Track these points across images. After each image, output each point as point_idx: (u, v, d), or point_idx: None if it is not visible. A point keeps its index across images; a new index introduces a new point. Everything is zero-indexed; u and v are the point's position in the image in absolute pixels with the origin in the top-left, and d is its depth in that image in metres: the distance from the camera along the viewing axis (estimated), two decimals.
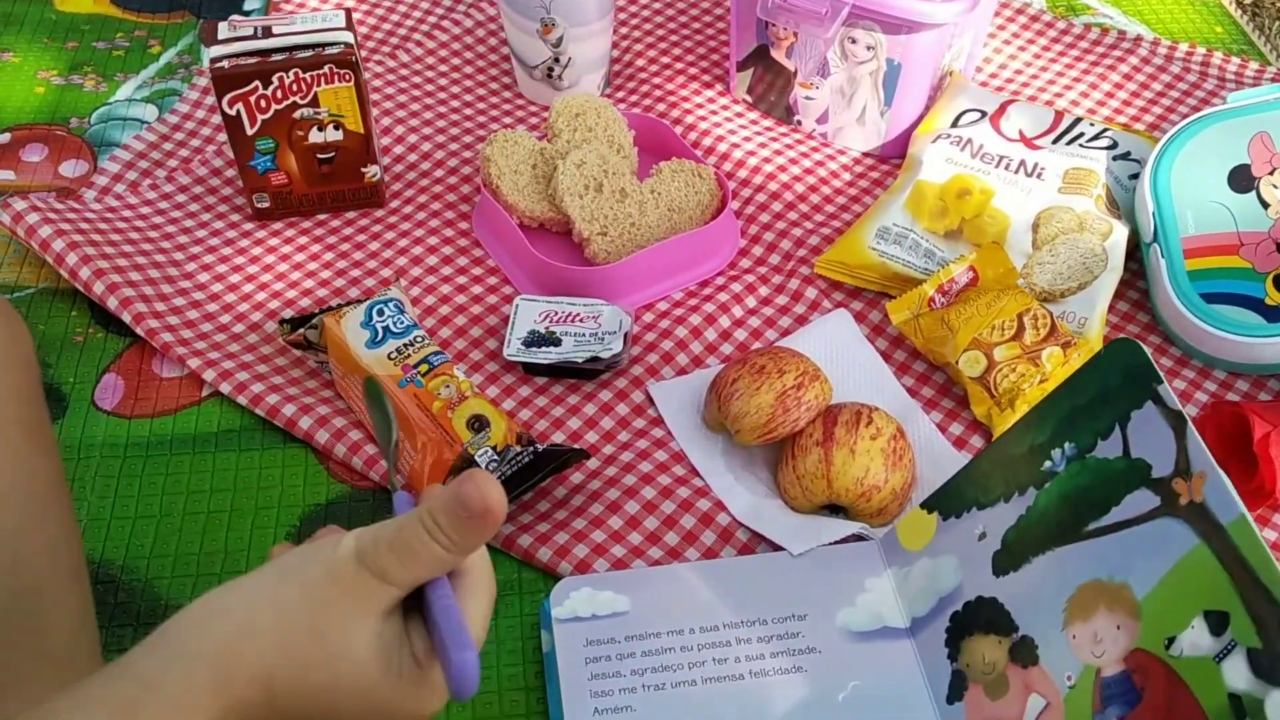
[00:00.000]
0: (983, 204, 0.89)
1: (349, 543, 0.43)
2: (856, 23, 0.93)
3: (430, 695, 0.44)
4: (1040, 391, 0.79)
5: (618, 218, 0.90)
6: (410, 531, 0.42)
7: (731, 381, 0.78)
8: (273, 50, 0.87)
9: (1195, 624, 0.53)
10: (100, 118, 1.04)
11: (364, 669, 0.42)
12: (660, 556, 0.73)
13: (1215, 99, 1.06)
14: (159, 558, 0.73)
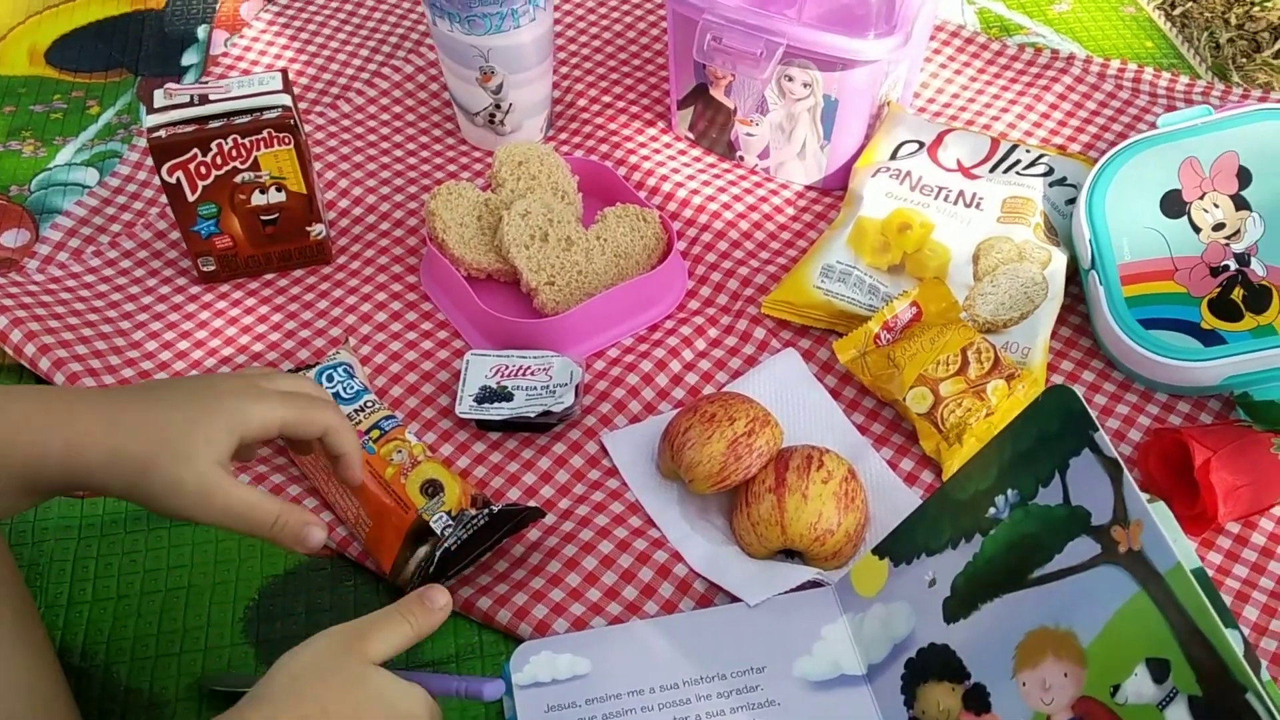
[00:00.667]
0: (923, 238, 0.90)
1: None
2: (792, 61, 0.94)
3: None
4: (986, 425, 0.80)
5: (564, 267, 0.90)
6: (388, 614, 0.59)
7: (683, 431, 0.78)
8: (210, 117, 0.87)
9: (1138, 671, 0.54)
10: (41, 184, 1.03)
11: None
12: (619, 612, 0.74)
13: (1148, 115, 1.08)
14: (117, 640, 0.73)
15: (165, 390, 0.62)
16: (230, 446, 0.59)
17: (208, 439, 0.58)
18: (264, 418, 0.61)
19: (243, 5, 1.22)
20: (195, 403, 0.59)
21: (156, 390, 0.62)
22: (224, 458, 0.59)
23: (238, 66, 1.15)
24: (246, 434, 0.60)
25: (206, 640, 0.73)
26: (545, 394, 0.83)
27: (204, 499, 0.57)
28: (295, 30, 1.19)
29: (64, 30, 1.20)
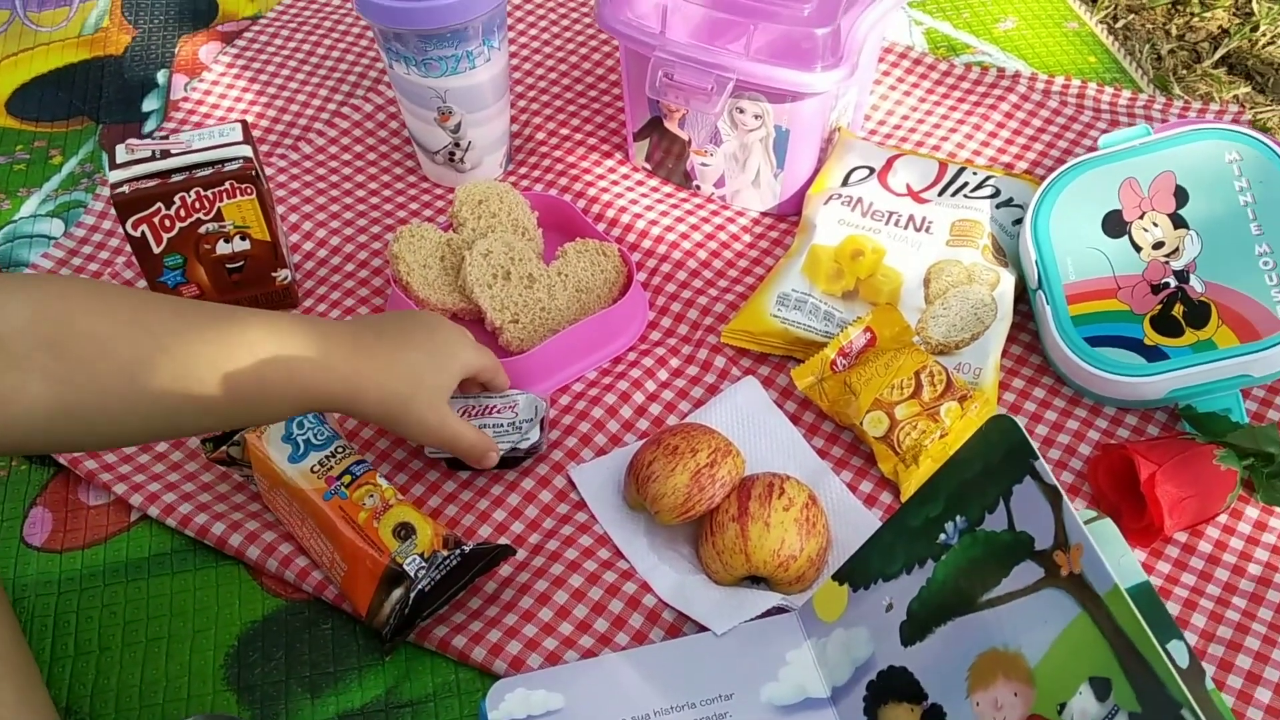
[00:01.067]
0: (875, 263, 0.93)
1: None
2: (743, 94, 0.97)
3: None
4: (941, 446, 0.83)
5: (528, 304, 0.92)
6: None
7: (648, 464, 0.81)
8: (172, 170, 0.88)
9: (1082, 690, 0.57)
10: (6, 236, 1.05)
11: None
12: (591, 644, 0.76)
13: (1091, 132, 1.11)
14: (102, 693, 0.75)
15: (405, 331, 0.77)
16: (455, 385, 0.78)
17: (446, 382, 0.77)
18: (477, 364, 0.80)
19: (201, 49, 1.23)
20: (435, 349, 0.77)
21: (399, 331, 0.77)
22: (450, 394, 0.78)
23: (198, 110, 1.16)
24: (465, 376, 0.80)
25: (189, 689, 0.75)
26: (511, 431, 0.85)
27: (440, 429, 0.77)
28: (255, 72, 1.20)
29: (23, 79, 1.22)
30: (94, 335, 0.61)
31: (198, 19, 1.29)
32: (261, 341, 0.67)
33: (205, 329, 0.65)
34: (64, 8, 1.30)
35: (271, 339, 0.68)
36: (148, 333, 0.63)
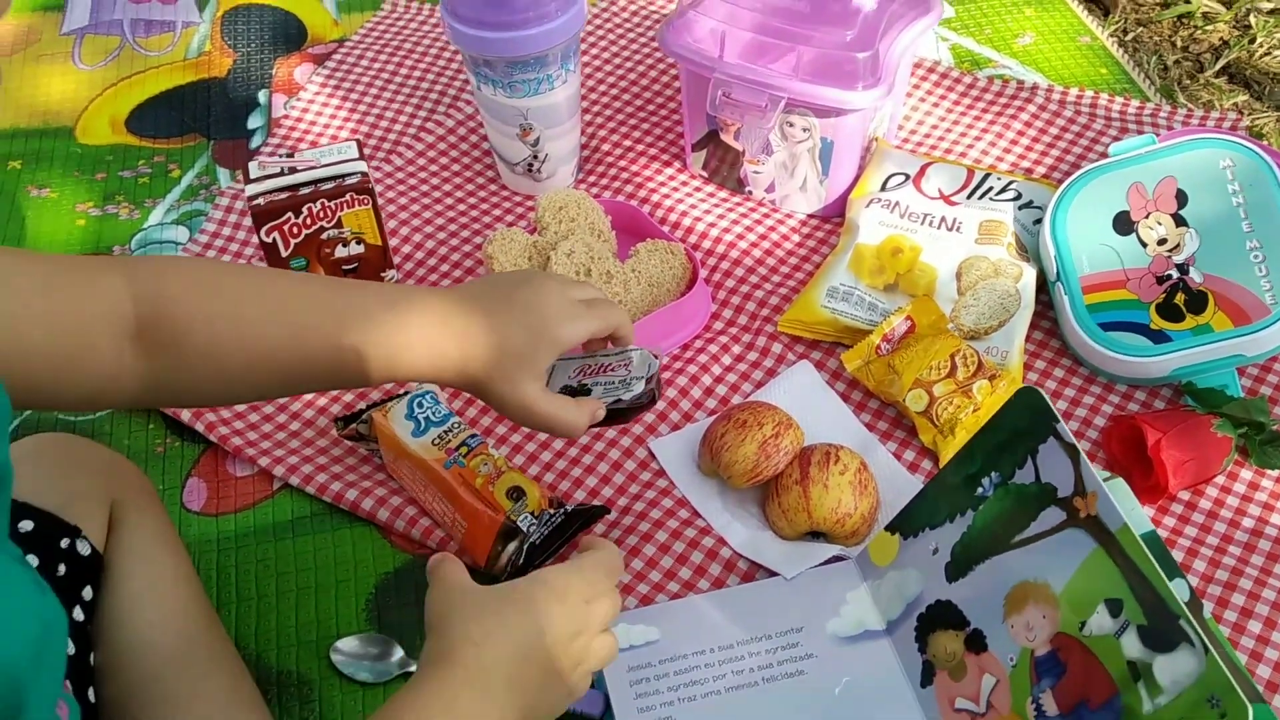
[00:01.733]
0: (913, 260, 1.06)
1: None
2: (792, 110, 1.09)
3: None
4: (974, 418, 0.95)
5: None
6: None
7: (720, 435, 0.93)
8: (300, 184, 1.01)
9: (1099, 610, 0.70)
10: (139, 243, 1.18)
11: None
12: (678, 590, 0.89)
13: (1103, 139, 1.23)
14: (264, 633, 0.88)
15: (503, 299, 0.74)
16: (550, 362, 0.75)
17: (534, 360, 0.73)
18: (576, 334, 0.76)
19: (296, 70, 1.36)
20: (530, 322, 0.73)
21: (497, 298, 0.74)
22: (544, 372, 0.75)
23: (298, 127, 1.29)
24: (566, 348, 0.76)
25: (337, 627, 0.88)
26: (621, 387, 0.82)
27: (525, 411, 0.74)
28: (345, 91, 1.33)
29: (139, 100, 1.35)
30: (183, 313, 0.65)
31: (290, 42, 1.42)
32: (348, 308, 0.70)
33: (285, 298, 0.69)
34: (168, 34, 1.44)
35: (357, 305, 0.70)
36: (225, 306, 0.67)
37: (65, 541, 0.75)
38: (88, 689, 0.72)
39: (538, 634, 0.65)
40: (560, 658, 0.65)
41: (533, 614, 0.66)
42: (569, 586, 0.67)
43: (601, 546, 0.71)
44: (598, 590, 0.69)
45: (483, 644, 0.64)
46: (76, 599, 0.74)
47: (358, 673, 0.85)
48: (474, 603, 0.66)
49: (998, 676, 0.75)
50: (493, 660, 0.63)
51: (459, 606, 0.66)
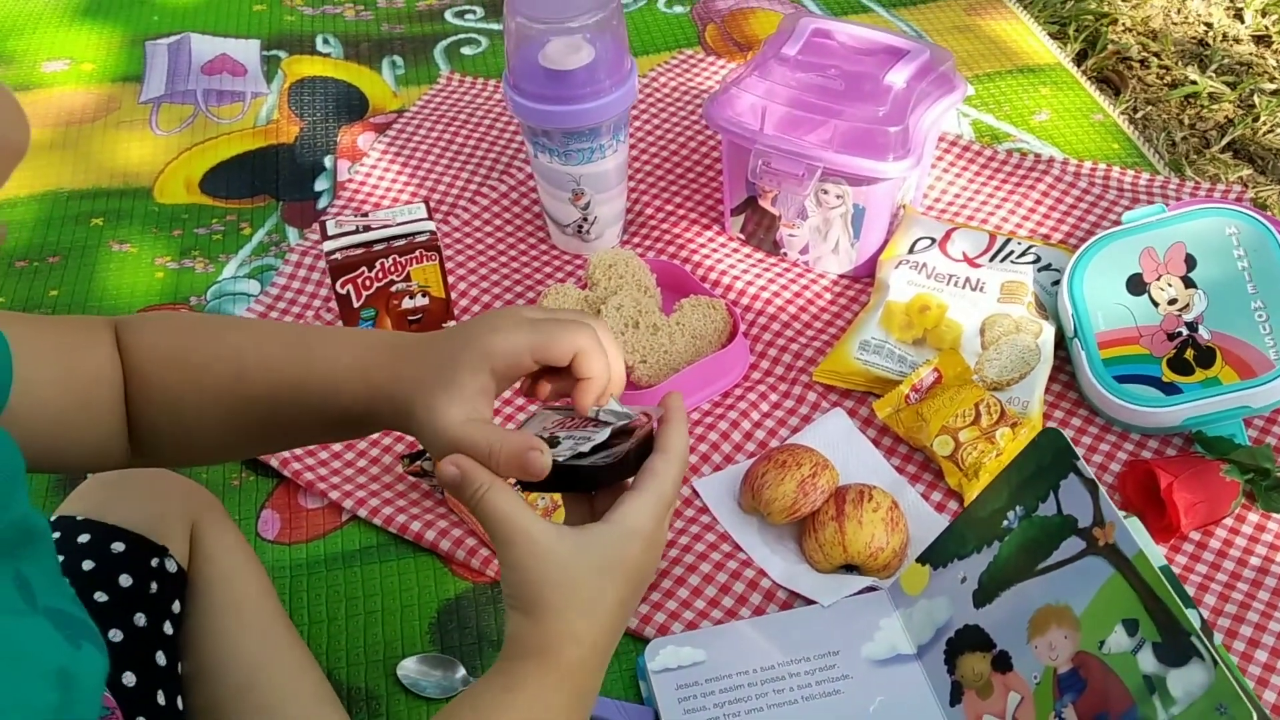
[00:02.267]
0: (939, 316, 1.13)
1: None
2: (827, 179, 1.18)
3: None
4: (997, 463, 1.02)
5: (653, 348, 1.13)
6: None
7: (761, 475, 1.00)
8: (374, 241, 1.10)
9: (1117, 629, 0.76)
10: (214, 294, 1.27)
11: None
12: (721, 617, 0.95)
13: (1115, 209, 1.31)
14: (335, 652, 0.95)
15: (455, 327, 0.63)
16: (479, 382, 0.58)
17: (456, 372, 0.58)
18: (507, 348, 0.58)
19: (359, 137, 1.46)
20: (464, 333, 0.60)
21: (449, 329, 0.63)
22: (473, 393, 0.57)
23: (361, 190, 1.39)
24: (495, 367, 0.58)
25: (403, 649, 0.95)
26: (585, 439, 0.62)
27: (436, 434, 0.57)
28: (405, 157, 1.43)
29: (212, 163, 1.45)
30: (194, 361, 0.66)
31: (352, 111, 1.52)
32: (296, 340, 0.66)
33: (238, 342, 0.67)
34: (238, 103, 1.54)
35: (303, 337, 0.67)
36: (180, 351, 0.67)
37: (155, 560, 0.81)
38: (177, 698, 0.78)
39: (635, 592, 0.59)
40: (646, 584, 0.61)
41: (632, 577, 0.58)
42: (660, 525, 0.59)
43: (674, 454, 0.59)
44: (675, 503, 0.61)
45: (585, 638, 0.57)
46: (166, 613, 0.81)
47: (423, 688, 0.92)
48: (571, 578, 0.56)
49: (1022, 694, 0.81)
50: (592, 650, 0.58)
51: (555, 583, 0.55)
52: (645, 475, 0.58)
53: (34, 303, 1.26)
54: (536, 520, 0.56)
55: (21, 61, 1.64)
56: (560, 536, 0.56)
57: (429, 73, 1.60)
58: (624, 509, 0.57)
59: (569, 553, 0.56)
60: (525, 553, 0.55)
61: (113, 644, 0.75)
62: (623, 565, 0.57)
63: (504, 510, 0.55)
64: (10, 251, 1.33)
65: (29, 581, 0.48)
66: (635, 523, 0.57)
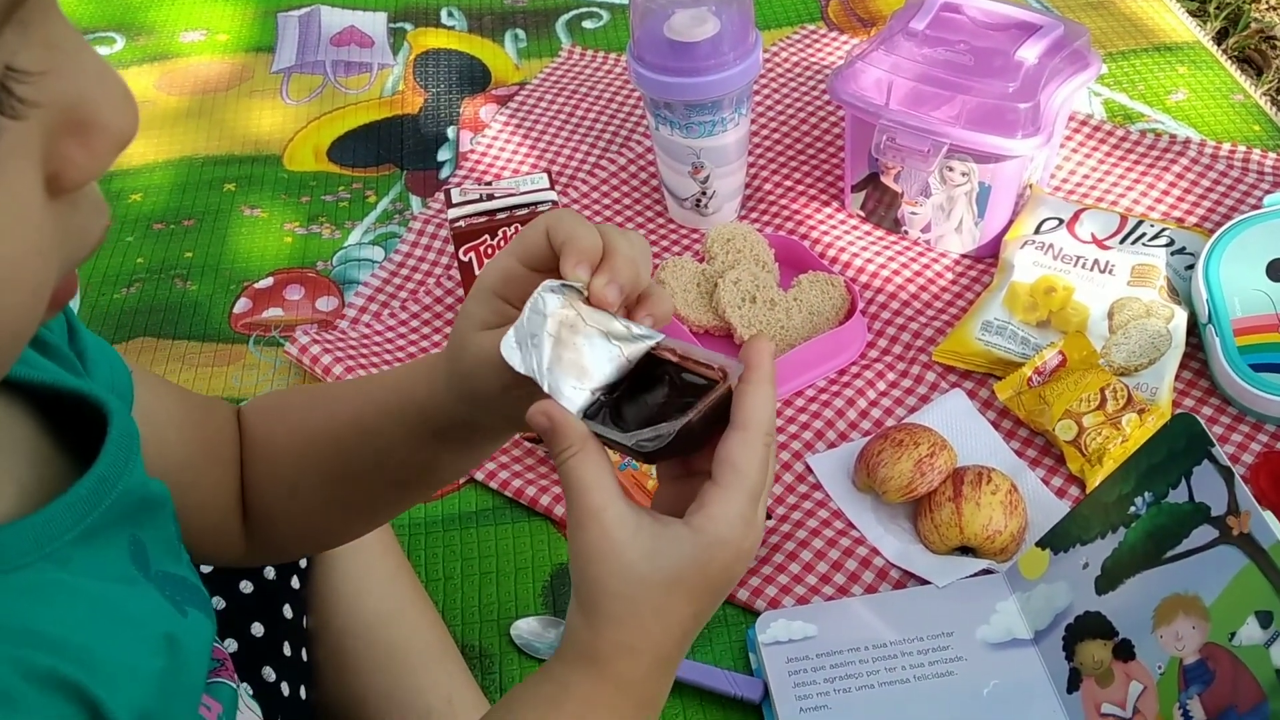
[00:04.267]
0: (1066, 299, 1.10)
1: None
2: (953, 155, 1.16)
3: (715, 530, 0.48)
4: (1122, 450, 0.99)
5: (770, 323, 1.13)
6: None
7: (877, 453, 0.99)
8: (497, 210, 1.12)
9: (1249, 621, 0.73)
10: (340, 259, 1.30)
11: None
12: (832, 593, 0.95)
13: (1255, 191, 1.26)
14: (452, 610, 0.97)
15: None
16: (484, 308, 0.54)
17: (467, 313, 0.55)
18: (494, 266, 0.54)
19: (481, 109, 1.48)
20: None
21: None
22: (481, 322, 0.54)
23: (483, 161, 1.40)
24: (493, 286, 0.54)
25: (516, 609, 0.96)
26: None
27: (459, 358, 0.55)
28: (526, 129, 1.44)
29: (339, 133, 1.48)
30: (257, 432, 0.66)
31: (475, 84, 1.54)
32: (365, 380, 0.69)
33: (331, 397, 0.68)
34: (365, 74, 1.57)
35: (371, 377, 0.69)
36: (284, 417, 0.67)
37: None
38: (302, 649, 0.81)
39: (714, 602, 0.52)
40: (729, 589, 0.52)
41: (712, 588, 0.51)
42: (750, 525, 0.50)
43: (755, 432, 0.50)
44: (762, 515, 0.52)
45: (645, 652, 0.50)
46: (294, 568, 0.83)
47: (536, 649, 0.93)
48: (636, 589, 0.49)
49: (1145, 683, 0.79)
50: (653, 663, 0.51)
51: (617, 592, 0.49)
52: (725, 468, 0.49)
53: (170, 263, 1.31)
54: (616, 503, 0.48)
55: (160, 31, 1.70)
56: (636, 533, 0.48)
57: (550, 46, 1.61)
58: (707, 511, 0.49)
59: (639, 557, 0.48)
60: (594, 546, 0.48)
61: (243, 594, 0.78)
62: (701, 577, 0.49)
63: (586, 482, 0.48)
64: (148, 215, 1.38)
65: (145, 547, 0.49)
66: (720, 531, 0.49)
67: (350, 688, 0.82)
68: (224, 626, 0.75)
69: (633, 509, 0.49)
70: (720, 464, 0.49)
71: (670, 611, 0.50)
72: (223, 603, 0.76)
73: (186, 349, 1.21)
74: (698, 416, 0.48)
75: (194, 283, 1.29)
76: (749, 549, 0.51)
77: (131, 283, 1.29)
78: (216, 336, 1.22)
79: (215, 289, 1.28)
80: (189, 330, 1.23)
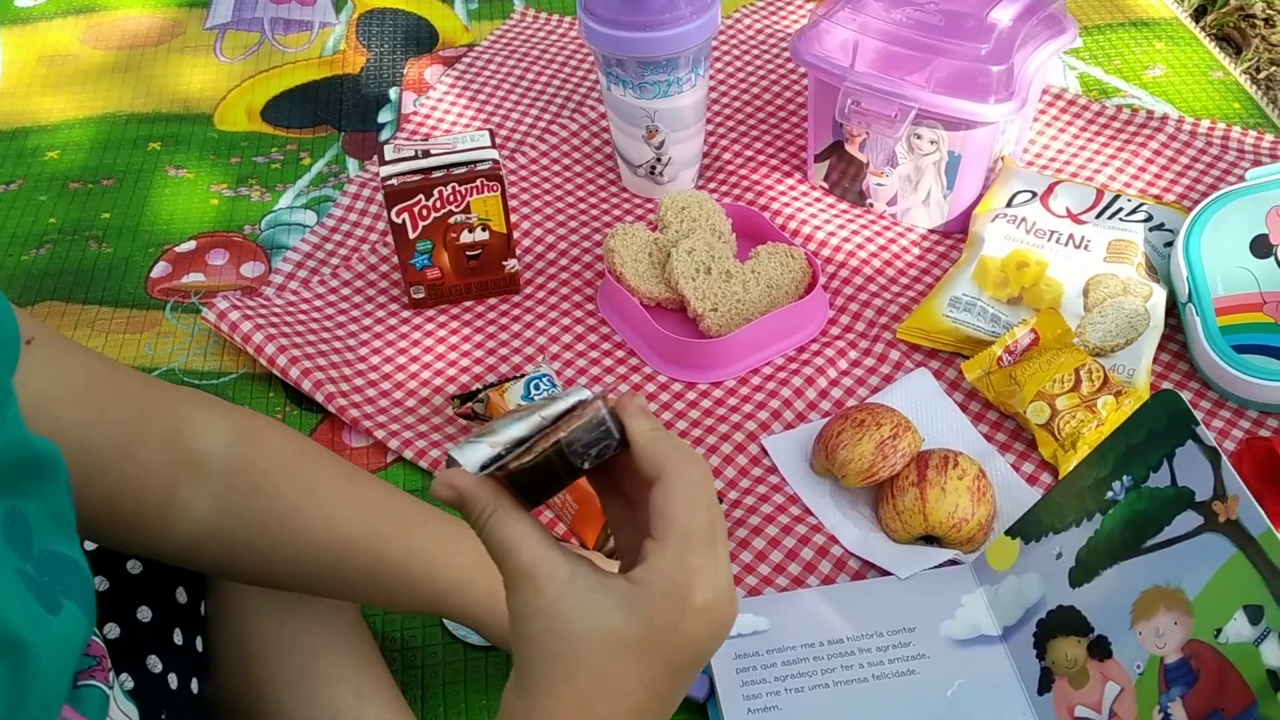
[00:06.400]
0: (1039, 274, 1.04)
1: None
2: (921, 122, 1.09)
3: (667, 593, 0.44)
4: (1097, 434, 0.93)
5: (725, 296, 1.05)
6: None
7: (836, 434, 0.93)
8: (433, 168, 1.04)
9: (1237, 616, 0.67)
10: (269, 224, 1.21)
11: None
12: (786, 584, 0.88)
13: (1236, 169, 1.21)
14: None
15: None
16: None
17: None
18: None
19: (426, 70, 1.40)
20: None
21: None
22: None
23: (426, 123, 1.32)
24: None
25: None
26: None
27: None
28: (474, 92, 1.36)
29: (275, 92, 1.39)
30: (277, 469, 0.64)
31: (421, 44, 1.46)
32: (420, 539, 0.68)
33: (367, 499, 0.68)
34: (305, 32, 1.49)
35: (431, 541, 0.68)
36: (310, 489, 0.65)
37: None
38: (196, 638, 0.72)
39: (678, 674, 0.46)
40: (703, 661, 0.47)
41: (672, 654, 0.45)
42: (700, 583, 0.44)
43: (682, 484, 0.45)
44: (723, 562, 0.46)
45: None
46: None
47: (471, 637, 0.85)
48: (574, 646, 0.44)
49: (1122, 684, 0.73)
50: None
51: (551, 651, 0.44)
52: (656, 519, 0.44)
53: (85, 224, 1.22)
54: (547, 556, 0.44)
55: None
56: (571, 585, 0.44)
57: (503, 8, 1.53)
58: (647, 563, 0.44)
59: (574, 610, 0.43)
60: (529, 604, 0.44)
61: (130, 575, 0.70)
62: (647, 637, 0.44)
63: (510, 543, 0.44)
64: (65, 173, 1.29)
65: (27, 521, 0.43)
66: (659, 583, 0.43)
67: (250, 678, 0.74)
68: (105, 610, 0.67)
69: (568, 560, 0.45)
70: (651, 514, 0.45)
71: (613, 680, 0.44)
72: (106, 583, 0.68)
73: (97, 314, 1.12)
74: (570, 429, 0.45)
75: (109, 245, 1.20)
76: (712, 607, 0.44)
77: (42, 244, 1.20)
78: (130, 302, 1.13)
79: (132, 252, 1.19)
80: (101, 295, 1.14)
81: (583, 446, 0.45)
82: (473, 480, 0.44)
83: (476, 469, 0.45)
